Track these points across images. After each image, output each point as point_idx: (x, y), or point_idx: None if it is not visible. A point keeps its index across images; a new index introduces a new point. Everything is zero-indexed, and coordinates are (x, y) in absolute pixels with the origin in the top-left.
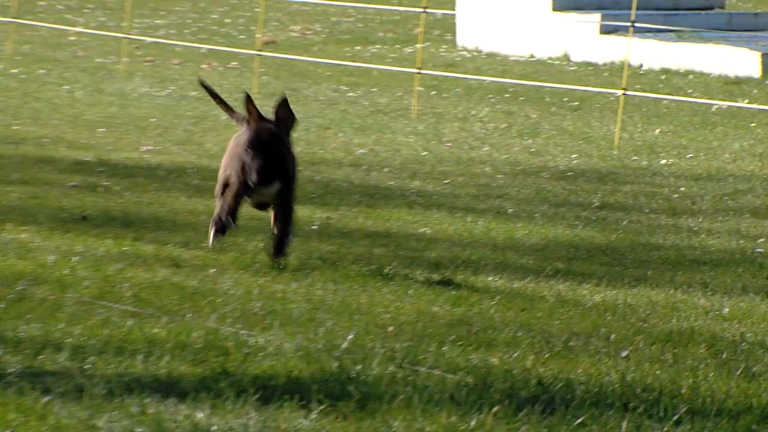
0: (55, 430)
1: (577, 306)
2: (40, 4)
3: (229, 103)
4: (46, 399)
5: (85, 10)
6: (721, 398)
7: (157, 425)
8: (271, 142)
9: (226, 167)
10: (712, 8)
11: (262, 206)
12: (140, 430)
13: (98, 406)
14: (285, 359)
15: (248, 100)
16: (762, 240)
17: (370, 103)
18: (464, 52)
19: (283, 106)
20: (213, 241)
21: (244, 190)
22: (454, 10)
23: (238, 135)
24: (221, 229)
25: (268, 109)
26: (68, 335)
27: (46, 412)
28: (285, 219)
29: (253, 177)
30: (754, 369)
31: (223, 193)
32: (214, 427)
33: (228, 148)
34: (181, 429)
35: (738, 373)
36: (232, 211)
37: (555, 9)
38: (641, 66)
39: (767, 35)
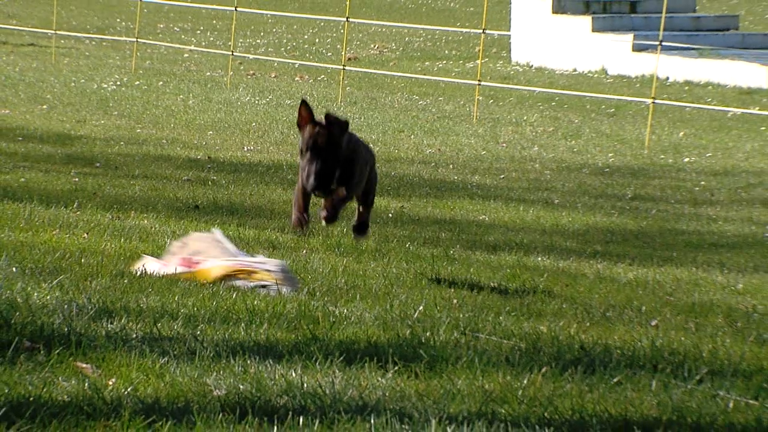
0: (171, 387)
1: (614, 282)
2: (159, 27)
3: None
4: (163, 360)
5: (197, 32)
6: (737, 361)
7: (257, 383)
8: (327, 145)
9: None
10: (728, 30)
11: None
12: (243, 386)
13: (207, 366)
14: (365, 327)
15: (303, 104)
16: None
17: (437, 110)
18: (517, 67)
19: (332, 117)
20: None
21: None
22: (509, 31)
23: None
24: (299, 226)
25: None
26: (182, 306)
27: (163, 371)
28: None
29: (310, 182)
30: (765, 336)
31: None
32: (306, 385)
33: None
34: (277, 386)
35: (751, 339)
36: (303, 209)
37: (594, 30)
38: (667, 79)
39: None
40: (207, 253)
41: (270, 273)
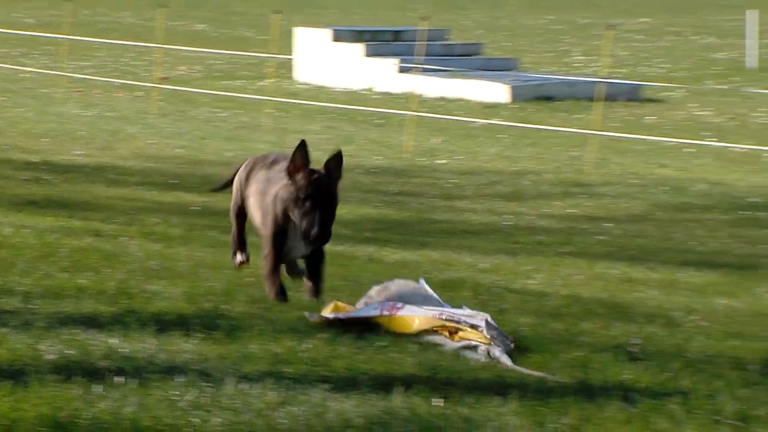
0: (11, 352)
1: (381, 263)
2: (2, 51)
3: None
4: (4, 330)
5: (33, 55)
6: None
7: (83, 348)
8: (328, 194)
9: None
10: (474, 55)
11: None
12: (70, 352)
13: (40, 335)
14: (174, 301)
15: (301, 147)
16: (509, 216)
17: (236, 121)
18: (302, 85)
19: (336, 161)
20: (277, 298)
21: (288, 245)
22: (294, 55)
23: (269, 179)
24: (283, 297)
25: (170, 128)
26: (20, 284)
27: (3, 339)
28: (318, 264)
29: (314, 232)
30: (504, 306)
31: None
32: (124, 350)
33: (257, 186)
34: (100, 350)
35: (493, 309)
36: (280, 282)
37: (366, 55)
38: (421, 95)
39: (513, 74)
40: (409, 299)
41: (477, 330)
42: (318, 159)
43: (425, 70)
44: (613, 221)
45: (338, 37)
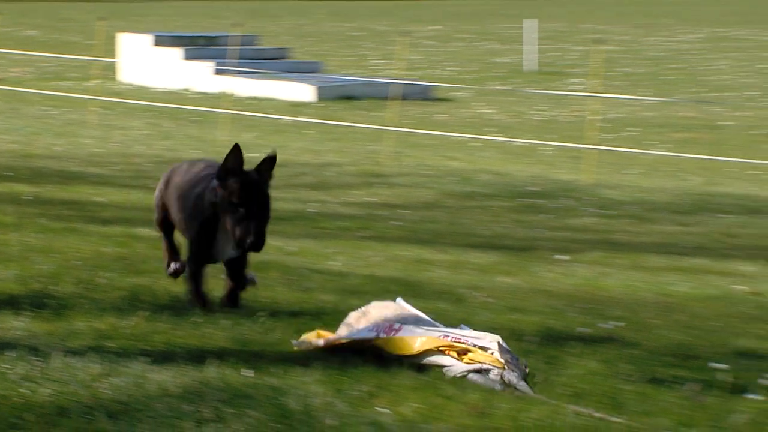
0: None
1: None
2: None
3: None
4: None
5: None
6: (289, 302)
7: None
8: (263, 199)
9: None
10: (283, 58)
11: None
12: None
13: None
14: (6, 283)
15: (235, 150)
16: (314, 204)
17: (65, 118)
18: (125, 86)
19: (269, 164)
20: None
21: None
22: (118, 58)
23: (190, 182)
24: (207, 306)
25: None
26: None
27: None
28: (241, 268)
29: (249, 241)
30: (309, 285)
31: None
32: None
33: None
34: None
35: (298, 288)
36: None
37: (184, 58)
38: (236, 95)
39: (318, 75)
40: (399, 320)
41: (488, 352)
42: (140, 153)
43: (238, 72)
44: (408, 208)
45: (159, 42)
